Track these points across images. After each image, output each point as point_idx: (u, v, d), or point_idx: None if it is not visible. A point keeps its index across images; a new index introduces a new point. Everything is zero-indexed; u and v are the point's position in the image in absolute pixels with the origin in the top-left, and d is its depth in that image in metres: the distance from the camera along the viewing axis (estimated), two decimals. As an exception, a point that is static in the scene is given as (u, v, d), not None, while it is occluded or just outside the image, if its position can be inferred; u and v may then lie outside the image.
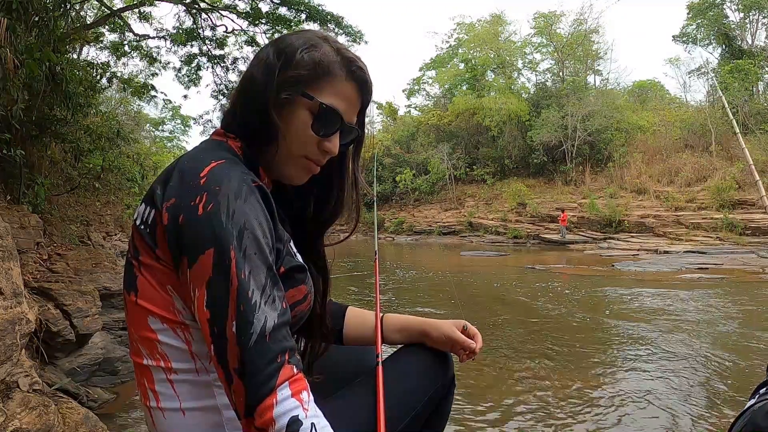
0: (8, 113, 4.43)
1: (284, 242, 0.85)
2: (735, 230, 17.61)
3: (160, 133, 36.56)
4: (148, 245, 0.77)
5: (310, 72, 0.84)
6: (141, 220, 0.79)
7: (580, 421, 3.28)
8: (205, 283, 0.69)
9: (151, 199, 0.78)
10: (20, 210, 4.53)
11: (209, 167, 0.75)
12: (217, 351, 0.68)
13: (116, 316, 5.19)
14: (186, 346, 0.78)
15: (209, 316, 0.69)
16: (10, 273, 2.46)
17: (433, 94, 37.55)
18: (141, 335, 0.79)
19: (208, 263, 0.69)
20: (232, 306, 0.67)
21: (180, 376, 0.78)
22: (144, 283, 0.78)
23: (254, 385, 0.65)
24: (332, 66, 0.85)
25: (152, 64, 11.08)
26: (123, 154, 8.80)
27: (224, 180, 0.73)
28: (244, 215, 0.71)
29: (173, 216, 0.73)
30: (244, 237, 0.70)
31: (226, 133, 0.88)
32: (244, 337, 0.66)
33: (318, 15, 10.04)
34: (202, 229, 0.71)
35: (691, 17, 28.33)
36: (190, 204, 0.72)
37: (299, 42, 0.86)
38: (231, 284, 0.68)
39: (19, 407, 2.24)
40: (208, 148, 0.83)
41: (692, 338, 5.38)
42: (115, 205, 11.11)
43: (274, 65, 0.84)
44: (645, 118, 26.01)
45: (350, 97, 0.88)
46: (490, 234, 24.77)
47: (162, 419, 0.79)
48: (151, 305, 0.78)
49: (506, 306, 7.63)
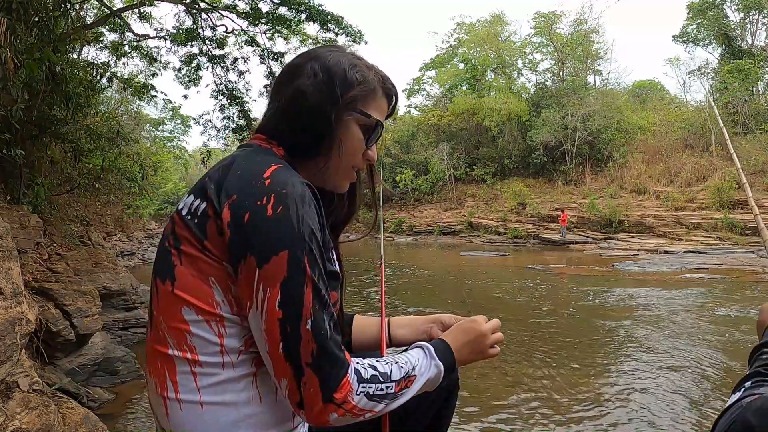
0: (8, 113, 4.43)
1: (329, 248, 0.87)
2: (735, 230, 17.60)
3: (160, 133, 36.47)
4: (195, 236, 0.78)
5: (360, 90, 0.91)
6: (188, 211, 0.80)
7: (580, 421, 3.28)
8: (280, 283, 0.73)
9: (203, 192, 0.79)
10: (20, 210, 4.53)
11: (271, 169, 0.78)
12: (288, 348, 0.73)
13: (116, 316, 5.20)
14: (218, 339, 0.78)
15: (281, 316, 0.73)
16: (10, 273, 2.46)
17: (433, 94, 37.55)
18: (171, 325, 0.79)
19: (282, 264, 0.73)
20: (307, 306, 0.74)
21: (205, 369, 0.78)
22: (183, 273, 0.78)
23: (331, 374, 0.75)
24: (374, 84, 0.93)
25: (152, 64, 11.07)
26: (123, 154, 8.80)
27: (289, 184, 0.77)
28: (311, 220, 0.77)
29: (237, 213, 0.75)
30: (313, 242, 0.76)
31: (269, 140, 0.90)
32: (319, 334, 0.74)
33: (318, 15, 10.03)
34: (274, 230, 0.74)
35: (691, 17, 28.31)
36: (257, 204, 0.74)
37: (343, 60, 0.92)
38: (306, 286, 0.74)
39: (19, 407, 2.24)
40: (261, 152, 0.86)
41: (692, 339, 5.38)
42: (115, 205, 11.12)
43: (332, 85, 0.88)
44: (645, 118, 25.99)
45: (384, 110, 0.97)
46: (490, 234, 24.76)
47: (178, 411, 0.79)
48: (189, 296, 0.78)
49: (506, 306, 7.63)
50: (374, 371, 0.82)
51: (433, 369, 0.91)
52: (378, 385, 0.81)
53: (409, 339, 1.13)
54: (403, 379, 0.85)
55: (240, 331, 0.79)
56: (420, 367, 0.89)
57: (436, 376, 0.91)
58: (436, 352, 0.93)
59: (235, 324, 0.78)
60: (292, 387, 0.74)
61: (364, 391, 0.78)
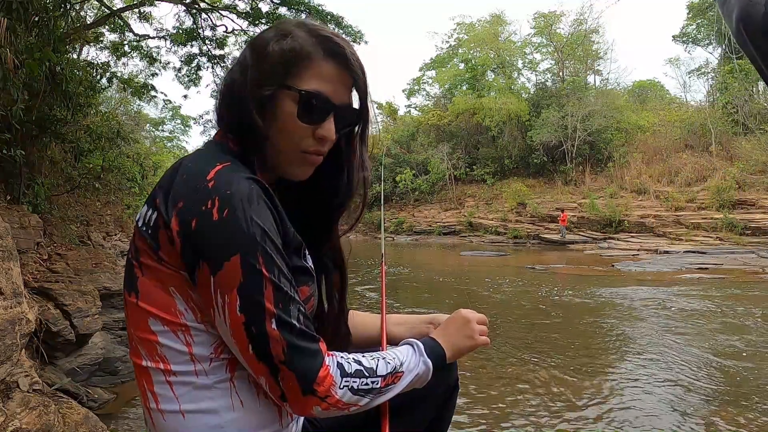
0: (8, 113, 4.43)
1: (291, 241, 0.83)
2: (735, 230, 17.60)
3: (160, 133, 36.56)
4: (150, 247, 0.76)
5: (284, 62, 0.81)
6: (143, 222, 0.78)
7: (581, 421, 3.28)
8: (236, 288, 0.71)
9: (153, 201, 0.77)
10: (20, 210, 4.53)
11: (215, 170, 0.75)
12: (258, 349, 0.72)
13: (116, 316, 5.19)
14: (186, 348, 0.78)
15: (244, 320, 0.72)
16: (10, 273, 2.46)
17: (433, 94, 37.56)
18: (141, 336, 0.79)
19: (236, 269, 0.71)
20: (269, 306, 0.72)
21: (179, 378, 0.78)
22: (145, 285, 0.78)
23: (306, 367, 0.73)
24: (307, 49, 0.81)
25: (152, 64, 11.07)
26: (123, 154, 8.79)
27: (233, 184, 0.73)
28: (261, 219, 0.73)
29: (184, 221, 0.72)
30: (266, 241, 0.73)
31: (226, 134, 0.87)
32: (287, 330, 0.72)
33: (318, 15, 10.03)
34: (222, 235, 0.71)
35: (691, 17, 28.33)
36: (202, 209, 0.72)
37: (270, 34, 0.84)
38: (265, 286, 0.72)
39: (19, 407, 2.24)
40: (210, 150, 0.83)
41: (692, 338, 5.38)
42: (115, 205, 11.10)
43: (254, 65, 0.82)
44: (645, 118, 26.00)
45: (334, 76, 0.83)
46: (490, 234, 24.77)
47: (162, 421, 0.79)
48: (152, 307, 0.77)
49: (506, 306, 7.63)
50: (359, 366, 0.81)
51: (422, 366, 0.90)
52: (363, 380, 0.80)
53: (404, 337, 1.10)
54: (390, 374, 0.84)
55: (207, 339, 0.77)
56: (408, 363, 0.88)
57: (425, 373, 0.90)
58: (425, 349, 0.92)
59: (201, 332, 0.77)
60: (271, 383, 0.75)
61: (348, 385, 0.78)
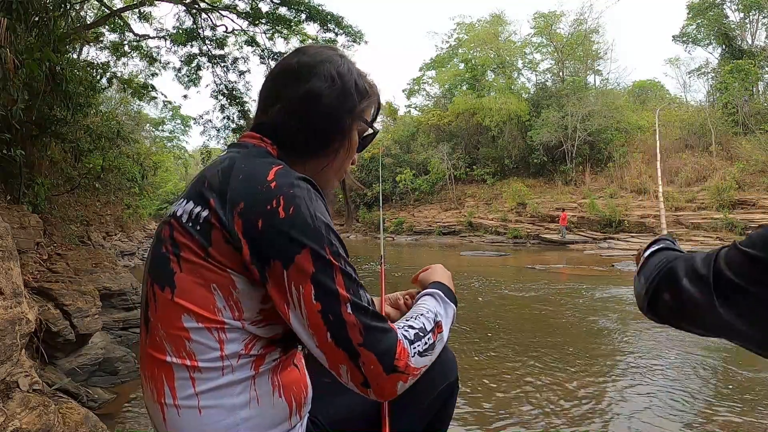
0: (8, 113, 4.43)
1: None
2: (735, 230, 17.59)
3: (160, 133, 36.49)
4: (197, 243, 0.77)
5: (366, 97, 0.94)
6: (189, 218, 0.79)
7: (581, 421, 3.28)
8: (310, 278, 0.75)
9: (203, 199, 0.78)
10: (20, 210, 4.53)
11: (274, 171, 0.78)
12: (336, 334, 0.75)
13: (116, 316, 5.20)
14: (218, 345, 0.78)
15: (321, 307, 0.75)
16: (10, 273, 2.46)
17: (433, 94, 37.53)
18: (170, 332, 0.79)
19: (307, 261, 0.75)
20: (343, 292, 0.75)
21: (204, 374, 0.78)
22: (184, 280, 0.78)
23: (386, 345, 0.76)
24: (377, 95, 0.98)
25: (152, 64, 11.09)
26: (123, 154, 8.80)
27: (294, 183, 0.78)
28: (323, 214, 0.78)
29: (249, 221, 0.75)
30: (330, 233, 0.77)
31: (262, 139, 0.89)
32: (361, 314, 0.76)
33: (318, 15, 10.05)
34: (291, 231, 0.75)
35: (691, 17, 28.28)
36: (267, 208, 0.75)
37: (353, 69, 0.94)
38: (335, 275, 0.75)
39: (19, 407, 2.24)
40: (259, 153, 0.86)
41: (692, 339, 5.38)
42: (115, 205, 11.12)
43: (349, 93, 0.91)
44: (645, 118, 25.98)
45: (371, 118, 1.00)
46: (490, 234, 24.76)
47: (176, 416, 0.79)
48: (190, 303, 0.77)
49: (505, 306, 7.63)
50: (414, 330, 0.84)
51: (450, 310, 0.97)
52: (423, 342, 0.83)
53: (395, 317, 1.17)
54: (435, 327, 0.88)
55: (241, 336, 0.79)
56: (440, 312, 0.94)
57: (453, 314, 0.97)
58: (447, 296, 0.99)
59: (236, 329, 0.79)
60: (352, 370, 0.76)
61: (417, 350, 0.81)
